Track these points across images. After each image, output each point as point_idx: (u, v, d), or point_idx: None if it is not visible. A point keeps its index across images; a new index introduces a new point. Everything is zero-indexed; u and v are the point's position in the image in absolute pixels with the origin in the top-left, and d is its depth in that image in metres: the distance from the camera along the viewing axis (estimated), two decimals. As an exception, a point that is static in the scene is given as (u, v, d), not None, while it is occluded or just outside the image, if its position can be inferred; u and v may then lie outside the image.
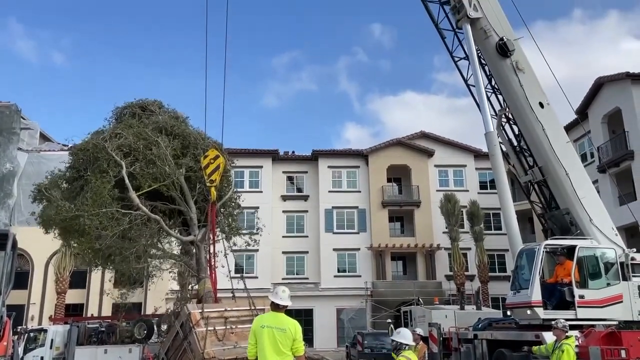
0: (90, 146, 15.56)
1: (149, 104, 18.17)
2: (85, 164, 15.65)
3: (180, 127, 17.05)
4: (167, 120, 17.03)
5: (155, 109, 17.97)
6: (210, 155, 13.92)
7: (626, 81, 27.68)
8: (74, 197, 15.57)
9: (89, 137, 16.51)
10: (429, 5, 15.38)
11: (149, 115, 17.53)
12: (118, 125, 16.91)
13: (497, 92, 14.74)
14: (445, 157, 38.72)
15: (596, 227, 12.83)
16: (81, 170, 15.76)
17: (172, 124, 16.92)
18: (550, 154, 13.31)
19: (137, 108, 17.83)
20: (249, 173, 37.06)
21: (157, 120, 17.04)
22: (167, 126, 16.70)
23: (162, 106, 18.46)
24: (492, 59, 14.09)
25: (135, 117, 17.45)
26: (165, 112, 18.09)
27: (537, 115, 13.40)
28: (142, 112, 17.77)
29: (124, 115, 17.86)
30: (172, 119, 17.52)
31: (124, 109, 17.99)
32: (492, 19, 14.25)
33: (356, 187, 37.77)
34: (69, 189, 16.37)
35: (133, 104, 17.99)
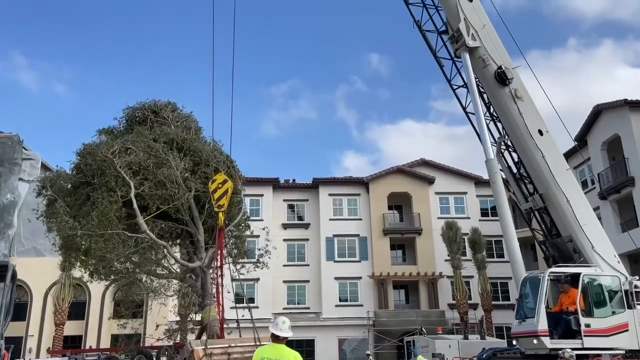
0: (99, 156, 15.00)
1: (161, 107, 17.40)
2: (92, 170, 14.96)
3: (193, 143, 16.53)
4: (179, 133, 16.50)
5: (168, 114, 17.24)
6: (218, 180, 13.79)
7: (624, 108, 27.89)
8: (79, 206, 14.98)
9: (97, 136, 15.97)
10: (427, 34, 15.60)
11: (161, 124, 16.95)
12: (128, 135, 16.30)
13: (495, 120, 14.83)
14: (445, 184, 38.73)
15: (598, 254, 12.75)
16: (87, 175, 15.05)
17: (184, 137, 16.39)
18: (551, 181, 13.32)
19: (149, 112, 17.18)
20: (250, 201, 37.01)
21: (168, 131, 16.51)
22: (178, 139, 16.22)
23: (175, 109, 17.74)
24: (491, 87, 14.21)
25: (147, 122, 16.89)
26: (178, 118, 17.45)
27: (537, 143, 13.45)
28: (155, 116, 17.17)
29: (135, 117, 17.26)
30: (185, 130, 17.00)
31: (135, 111, 17.36)
32: (490, 48, 14.43)
33: (357, 215, 37.69)
34: (74, 193, 15.68)
35: (145, 106, 17.27)
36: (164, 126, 16.77)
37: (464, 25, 14.34)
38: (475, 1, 14.86)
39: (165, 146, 15.65)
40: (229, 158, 16.55)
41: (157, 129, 16.54)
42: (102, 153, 14.83)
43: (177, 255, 15.90)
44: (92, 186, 14.74)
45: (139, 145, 15.34)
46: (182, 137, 16.29)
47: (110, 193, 14.23)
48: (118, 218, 14.22)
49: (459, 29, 14.37)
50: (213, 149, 16.85)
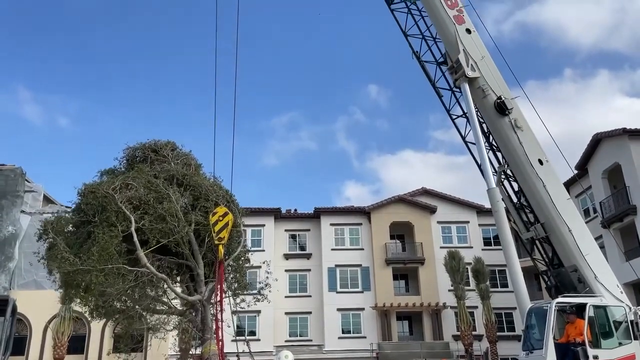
0: (100, 194, 15.20)
1: (161, 146, 17.79)
2: (93, 209, 15.24)
3: (192, 178, 16.76)
4: (178, 169, 16.77)
5: (167, 153, 17.61)
6: (219, 212, 13.87)
7: (623, 137, 28.04)
8: (80, 244, 15.12)
9: (99, 177, 16.23)
10: (426, 65, 15.79)
11: (161, 162, 17.22)
12: (129, 173, 16.57)
13: (495, 149, 14.87)
14: (447, 213, 38.67)
15: (601, 284, 12.62)
16: (89, 214, 15.34)
17: (184, 173, 16.65)
18: (552, 210, 13.29)
19: (149, 151, 17.51)
20: (252, 232, 36.90)
21: (169, 168, 16.77)
22: (178, 175, 16.45)
23: (175, 148, 18.10)
24: (491, 117, 14.31)
25: (147, 160, 17.16)
26: (178, 156, 17.76)
27: (537, 172, 13.47)
28: (155, 155, 17.45)
29: (136, 157, 17.55)
30: (185, 166, 17.26)
31: (135, 150, 17.67)
32: (489, 78, 14.58)
33: (359, 245, 37.53)
34: (75, 233, 15.90)
35: (146, 146, 17.63)
36: (164, 163, 17.10)
37: (463, 57, 14.52)
38: (473, 33, 15.09)
39: (165, 182, 15.93)
40: (229, 193, 16.77)
41: (158, 166, 16.90)
42: (104, 190, 15.08)
43: (177, 289, 15.88)
44: (92, 224, 14.92)
45: (139, 181, 15.63)
46: (182, 172, 16.62)
47: (110, 228, 14.42)
48: (118, 253, 14.36)
49: (458, 60, 14.54)
50: (213, 184, 17.07)
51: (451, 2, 15.06)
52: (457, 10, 15.05)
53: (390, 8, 15.96)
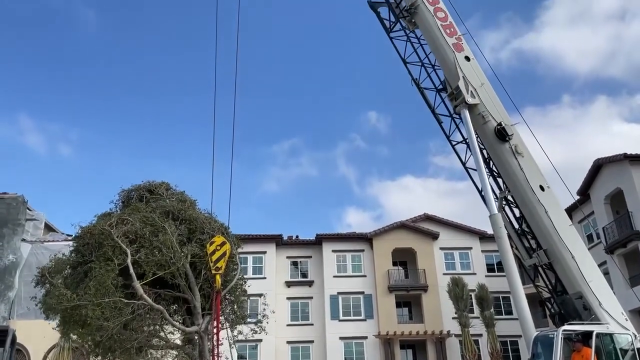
0: (97, 231, 15.46)
1: (156, 186, 18.22)
2: (90, 248, 15.48)
3: (188, 211, 17.03)
4: (174, 204, 17.06)
5: (162, 192, 18.00)
6: (216, 242, 13.89)
7: (625, 162, 28.07)
8: (77, 283, 15.26)
9: (96, 221, 16.47)
10: (425, 92, 15.92)
11: (156, 199, 17.56)
12: (125, 210, 16.92)
13: (496, 175, 14.88)
14: (450, 239, 38.47)
15: (606, 311, 12.47)
16: (86, 254, 15.55)
17: (179, 208, 16.93)
18: (555, 236, 13.22)
19: (144, 191, 17.90)
20: (253, 259, 36.69)
21: (164, 204, 17.08)
22: (174, 210, 16.72)
23: (169, 188, 18.48)
24: (492, 143, 14.36)
25: (143, 200, 17.50)
26: (173, 195, 18.12)
27: (539, 198, 13.45)
28: (150, 195, 17.83)
29: (131, 198, 17.91)
30: (180, 202, 17.55)
31: (130, 192, 18.07)
32: (489, 105, 14.67)
33: (361, 272, 37.24)
34: (72, 274, 16.05)
35: (140, 187, 18.07)
36: (160, 200, 17.37)
37: (462, 83, 14.65)
38: (472, 60, 15.26)
39: (161, 216, 16.14)
40: (224, 225, 16.90)
41: (153, 203, 17.14)
42: (100, 227, 15.30)
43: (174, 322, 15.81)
44: (89, 263, 15.08)
45: (135, 216, 15.82)
46: (178, 207, 16.88)
47: (107, 262, 14.55)
48: (115, 286, 14.42)
49: (458, 87, 14.66)
50: (208, 217, 17.29)
51: (450, 31, 15.28)
52: (456, 39, 15.26)
53: (389, 36, 16.19)
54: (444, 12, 15.57)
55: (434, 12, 15.40)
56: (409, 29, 15.97)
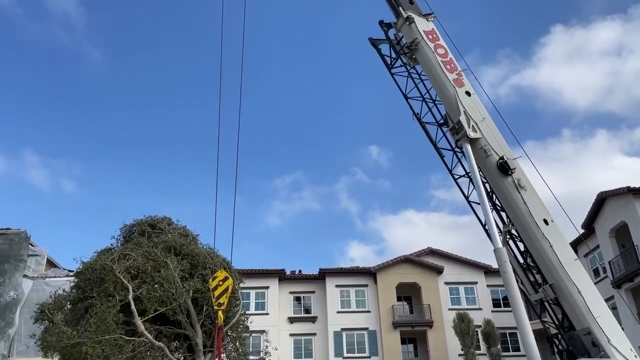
0: (98, 266, 15.37)
1: (158, 221, 18.24)
2: (91, 284, 15.37)
3: (190, 246, 16.98)
4: (176, 239, 17.02)
5: (164, 227, 17.99)
6: (219, 277, 13.73)
7: (628, 195, 27.99)
8: (77, 320, 15.10)
9: (97, 256, 16.40)
10: (427, 126, 16.02)
11: (158, 234, 17.52)
12: (127, 245, 16.88)
13: (499, 209, 14.82)
14: (455, 274, 38.07)
15: (615, 347, 12.20)
16: (87, 290, 15.42)
17: (181, 242, 16.89)
18: (561, 271, 13.07)
19: (146, 226, 17.89)
20: (255, 294, 36.34)
21: (166, 239, 17.03)
22: (176, 245, 16.67)
23: (171, 223, 18.48)
24: (494, 177, 14.35)
25: (145, 235, 17.46)
26: (175, 229, 18.08)
27: (543, 232, 13.35)
28: (152, 230, 17.79)
29: (133, 233, 17.87)
30: (182, 237, 17.49)
31: (132, 227, 18.05)
32: (491, 139, 14.72)
33: (365, 307, 36.76)
34: (73, 310, 15.88)
35: (142, 222, 18.08)
36: (162, 235, 17.37)
37: (464, 118, 14.73)
38: (473, 95, 15.40)
39: (163, 251, 16.11)
40: (226, 261, 16.83)
41: (155, 238, 17.12)
42: (102, 262, 15.25)
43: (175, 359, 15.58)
44: (90, 299, 14.96)
45: (137, 251, 15.78)
46: (180, 242, 16.84)
47: (108, 298, 14.44)
48: (116, 323, 14.24)
49: (459, 122, 14.74)
50: (210, 252, 17.24)
51: (450, 67, 15.49)
52: (457, 74, 15.44)
53: (390, 72, 16.40)
54: (444, 49, 15.81)
55: (434, 48, 15.63)
56: (410, 64, 16.19)
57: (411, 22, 15.88)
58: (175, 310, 15.20)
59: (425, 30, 15.92)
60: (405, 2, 16.44)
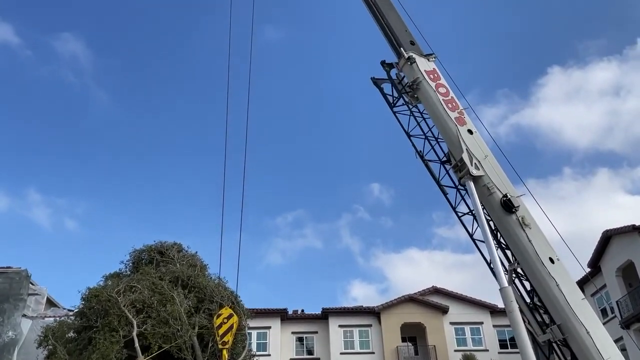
0: (104, 297, 15.12)
1: (167, 247, 18.12)
2: (96, 314, 15.08)
3: (198, 278, 16.77)
4: (184, 270, 16.86)
5: (174, 254, 17.84)
6: (223, 314, 13.50)
7: (634, 234, 27.76)
8: (80, 351, 14.76)
9: (103, 281, 16.16)
10: (429, 164, 16.06)
11: (167, 263, 17.34)
12: (134, 275, 16.66)
13: (504, 247, 14.69)
14: (460, 314, 37.45)
15: (629, 390, 11.88)
16: (91, 319, 15.12)
17: (189, 274, 16.71)
18: (568, 311, 12.83)
19: (155, 253, 17.76)
20: (257, 335, 35.72)
21: (174, 269, 16.86)
22: (183, 277, 16.50)
23: (181, 250, 18.36)
24: (498, 215, 14.28)
25: (154, 262, 17.30)
26: (184, 257, 17.90)
27: (549, 271, 13.18)
28: (160, 257, 17.63)
29: (142, 259, 17.71)
30: (190, 267, 17.32)
31: (141, 253, 17.92)
32: (494, 176, 14.72)
33: (369, 348, 36.04)
34: (76, 339, 15.53)
35: (152, 248, 17.96)
36: (170, 265, 17.23)
37: (466, 156, 14.78)
38: (475, 133, 15.49)
39: (170, 283, 15.93)
40: (234, 294, 16.61)
41: (163, 267, 17.02)
42: (107, 293, 15.07)
43: None
44: (94, 329, 14.70)
45: (144, 283, 15.63)
46: (187, 274, 16.73)
47: (112, 333, 14.17)
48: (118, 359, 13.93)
49: (462, 159, 14.79)
50: (218, 285, 17.01)
51: (452, 105, 15.65)
52: (458, 112, 15.59)
53: (392, 110, 16.58)
54: (446, 88, 16.01)
55: (436, 87, 15.83)
56: (412, 103, 16.37)
57: (412, 63, 16.14)
58: (180, 347, 14.87)
59: (426, 70, 16.16)
60: (406, 43, 16.75)
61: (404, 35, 16.95)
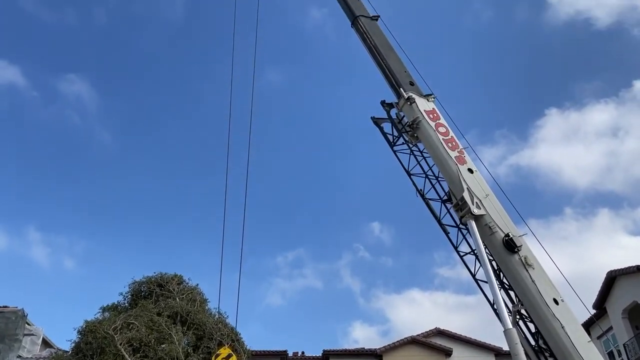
0: (100, 334, 14.80)
1: (167, 280, 17.82)
2: (92, 350, 14.75)
3: (197, 315, 16.46)
4: (183, 306, 16.56)
5: (173, 287, 17.55)
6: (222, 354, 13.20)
7: (638, 275, 27.42)
8: None
9: (101, 314, 15.86)
10: (430, 203, 16.00)
11: (166, 297, 17.07)
12: (132, 310, 16.33)
13: (507, 288, 14.47)
14: (464, 356, 36.59)
15: None
16: (87, 355, 14.77)
17: (188, 310, 16.41)
18: (574, 354, 12.52)
19: (155, 285, 17.48)
20: (257, 378, 34.82)
21: (173, 304, 16.57)
22: (182, 312, 16.21)
23: (181, 282, 18.07)
24: (501, 254, 14.12)
25: (153, 296, 17.03)
26: (184, 290, 17.61)
27: (554, 313, 12.93)
28: (160, 290, 17.37)
29: (141, 292, 17.45)
30: (190, 302, 17.04)
31: (141, 285, 17.66)
32: (495, 216, 14.63)
33: (371, 393, 35.10)
34: None
35: (151, 280, 17.69)
36: (169, 299, 16.97)
37: (467, 195, 14.74)
38: (476, 172, 15.49)
39: (168, 320, 15.64)
40: (234, 331, 16.28)
41: (162, 302, 16.75)
42: (104, 330, 14.78)
43: None
44: None
45: (142, 319, 15.32)
46: (187, 309, 16.44)
47: None
48: None
49: (463, 198, 14.74)
50: (217, 321, 16.70)
51: (452, 144, 15.71)
52: (458, 152, 15.63)
53: (393, 149, 16.65)
54: (445, 127, 16.11)
55: (436, 127, 15.93)
56: (412, 142, 16.44)
57: (412, 102, 16.30)
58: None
59: (426, 109, 16.31)
60: (406, 83, 16.97)
61: (403, 76, 17.19)
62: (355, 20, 18.58)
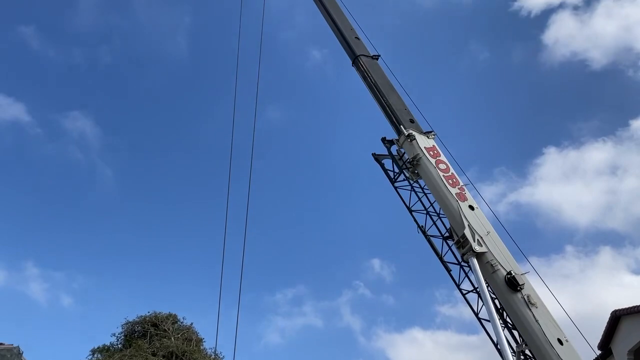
0: None
1: (162, 319, 17.58)
2: None
3: (193, 355, 16.20)
4: (178, 345, 16.30)
5: (168, 326, 17.30)
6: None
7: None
8: None
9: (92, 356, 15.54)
10: (432, 240, 15.89)
11: (161, 337, 16.78)
12: (126, 350, 16.06)
13: (510, 327, 14.21)
14: (467, 398, 35.73)
15: None
16: None
17: (184, 349, 16.16)
18: (582, 395, 12.22)
19: (149, 325, 17.21)
20: (254, 420, 33.92)
21: (168, 344, 16.30)
22: (178, 352, 15.94)
23: (176, 321, 17.82)
24: (503, 293, 13.92)
25: (147, 336, 16.73)
26: (179, 330, 17.33)
27: (559, 353, 12.66)
28: (154, 329, 17.08)
29: (135, 332, 17.16)
30: (186, 341, 16.77)
31: (135, 325, 17.37)
32: (497, 253, 14.49)
33: None
34: None
35: (145, 320, 17.42)
36: (164, 339, 16.74)
37: (469, 232, 14.63)
38: (477, 209, 15.42)
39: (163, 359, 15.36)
40: None
41: (157, 342, 16.51)
42: None
43: None
44: None
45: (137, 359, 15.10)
46: (182, 349, 16.18)
47: None
48: None
49: (464, 235, 14.64)
50: None
51: (452, 181, 15.71)
52: (459, 189, 15.61)
53: (394, 186, 16.66)
54: (446, 164, 16.14)
55: (436, 164, 15.97)
56: (413, 179, 16.46)
57: (412, 140, 16.38)
58: None
59: (426, 146, 16.38)
60: (406, 120, 17.12)
61: (403, 114, 17.36)
62: (356, 60, 18.91)
